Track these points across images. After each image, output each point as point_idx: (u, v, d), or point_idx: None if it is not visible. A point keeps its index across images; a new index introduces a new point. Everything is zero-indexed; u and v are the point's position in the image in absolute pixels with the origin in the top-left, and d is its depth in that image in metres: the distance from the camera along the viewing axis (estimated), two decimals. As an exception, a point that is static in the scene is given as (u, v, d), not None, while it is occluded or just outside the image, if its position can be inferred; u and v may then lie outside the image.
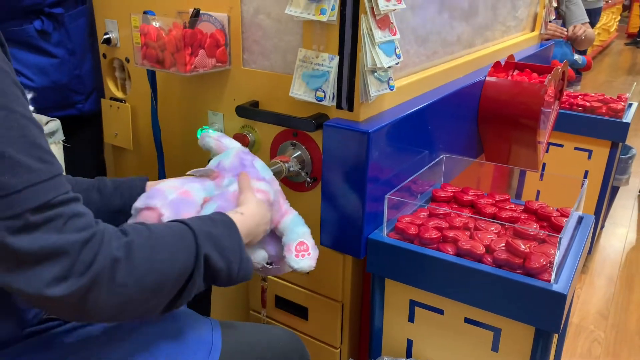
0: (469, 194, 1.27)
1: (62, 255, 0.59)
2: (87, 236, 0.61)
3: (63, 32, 1.47)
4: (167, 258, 0.68)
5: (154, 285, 0.67)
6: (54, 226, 0.59)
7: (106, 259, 0.61)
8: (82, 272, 0.60)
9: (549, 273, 0.97)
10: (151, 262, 0.66)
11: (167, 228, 0.73)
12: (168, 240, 0.70)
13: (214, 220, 0.79)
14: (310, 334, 1.32)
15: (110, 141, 1.58)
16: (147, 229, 0.69)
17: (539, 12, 2.30)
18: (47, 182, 0.59)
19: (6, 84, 0.58)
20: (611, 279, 2.39)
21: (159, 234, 0.69)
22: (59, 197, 0.60)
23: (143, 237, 0.67)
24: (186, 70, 1.15)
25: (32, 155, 0.58)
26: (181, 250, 0.70)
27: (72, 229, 0.60)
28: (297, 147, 1.16)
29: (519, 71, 1.73)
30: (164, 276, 0.68)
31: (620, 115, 2.17)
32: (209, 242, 0.74)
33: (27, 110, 0.61)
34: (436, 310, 1.10)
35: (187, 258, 0.71)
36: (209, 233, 0.75)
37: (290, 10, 1.03)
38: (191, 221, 0.75)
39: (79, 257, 0.60)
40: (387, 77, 1.09)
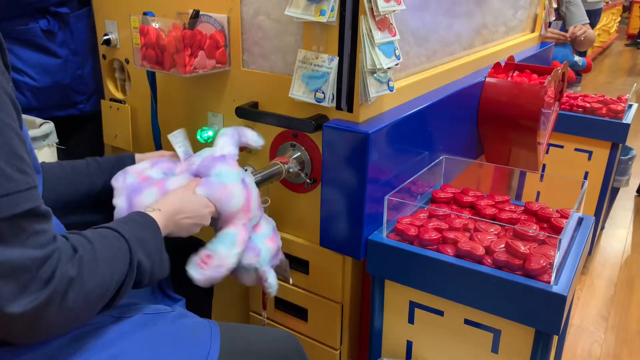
0: (469, 195, 1.27)
1: (22, 271, 0.60)
2: (47, 253, 0.63)
3: (67, 32, 1.47)
4: (108, 270, 0.72)
5: (98, 296, 0.70)
6: (18, 239, 0.60)
7: (62, 277, 0.64)
8: (39, 289, 0.61)
9: (549, 274, 0.97)
10: (96, 276, 0.69)
11: (106, 240, 0.75)
12: (108, 253, 0.73)
13: (139, 224, 0.83)
14: (310, 335, 1.32)
15: (110, 142, 1.58)
16: (90, 245, 0.71)
17: (539, 13, 2.30)
18: (23, 192, 0.60)
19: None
20: (611, 280, 2.39)
21: (100, 249, 0.72)
22: (31, 209, 0.61)
23: (89, 252, 0.70)
24: (186, 71, 1.15)
25: (12, 165, 0.60)
26: (119, 260, 0.75)
27: (34, 244, 0.62)
28: (296, 148, 1.16)
29: (519, 72, 1.73)
30: (106, 286, 0.72)
31: (621, 117, 2.17)
32: (139, 249, 0.78)
33: (14, 120, 0.62)
34: (436, 312, 1.10)
35: (123, 267, 0.75)
36: (138, 239, 0.79)
37: (289, 11, 1.03)
38: (122, 229, 0.78)
39: (37, 274, 0.61)
40: (386, 78, 1.09)
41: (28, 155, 0.63)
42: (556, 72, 1.62)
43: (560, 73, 1.70)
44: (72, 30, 1.47)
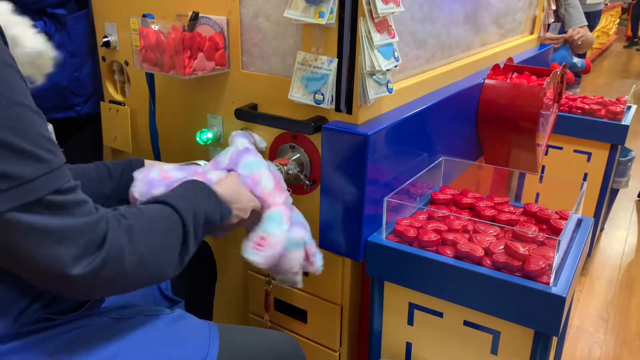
0: (468, 196, 1.27)
1: (77, 235, 0.64)
2: (95, 219, 0.67)
3: (65, 34, 1.47)
4: (160, 238, 0.75)
5: (153, 261, 0.74)
6: (67, 211, 0.64)
7: (114, 240, 0.68)
8: (95, 252, 0.66)
9: (548, 276, 0.97)
10: (149, 240, 0.73)
11: (155, 210, 0.79)
12: (158, 221, 0.77)
13: (186, 188, 0.87)
14: (310, 337, 1.32)
15: (109, 144, 1.58)
16: (140, 212, 0.75)
17: (538, 15, 2.30)
18: (56, 171, 0.64)
19: (15, 79, 0.62)
20: (611, 281, 2.39)
21: (151, 216, 0.76)
22: (66, 184, 0.65)
23: (139, 219, 0.74)
24: (185, 73, 1.15)
25: (42, 146, 0.63)
26: (171, 233, 0.78)
27: (81, 213, 0.66)
28: (296, 149, 1.16)
29: (518, 74, 1.73)
30: (159, 253, 0.75)
31: (620, 118, 2.17)
32: (190, 214, 0.81)
33: (32, 102, 0.65)
34: (435, 313, 1.10)
35: (175, 233, 0.78)
36: (195, 214, 0.82)
37: (289, 13, 1.04)
38: (170, 199, 0.81)
39: (91, 238, 0.66)
40: (385, 79, 1.09)
41: (48, 131, 0.66)
42: (555, 74, 1.62)
43: (559, 75, 1.70)
44: (69, 32, 1.47)
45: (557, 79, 1.69)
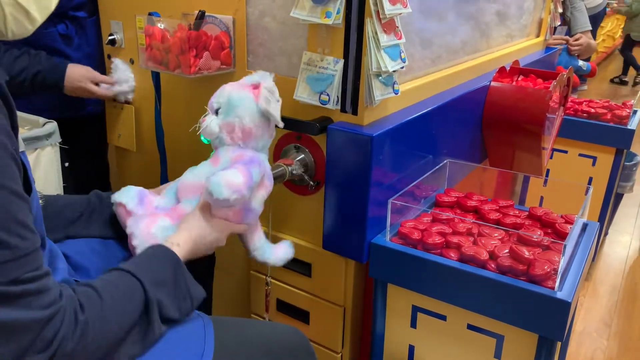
0: (473, 199, 1.27)
1: (23, 332, 0.61)
2: (51, 313, 0.63)
3: (83, 36, 1.49)
4: (117, 326, 0.72)
5: (109, 342, 0.71)
6: (22, 301, 0.61)
7: (64, 340, 0.65)
8: (41, 350, 0.62)
9: (553, 280, 0.96)
10: (103, 334, 0.70)
11: (117, 290, 0.75)
12: (118, 306, 0.73)
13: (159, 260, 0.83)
14: (312, 338, 1.31)
15: (114, 142, 1.58)
16: (99, 299, 0.72)
17: (544, 17, 2.29)
18: (21, 259, 0.61)
19: (2, 159, 0.61)
20: (615, 286, 2.37)
21: (110, 303, 0.72)
22: (30, 273, 0.62)
23: (96, 311, 0.70)
24: (190, 72, 1.15)
25: (12, 231, 0.61)
26: (130, 309, 0.75)
27: (38, 306, 0.63)
28: (300, 150, 1.16)
29: (524, 77, 1.72)
30: (115, 340, 0.72)
31: (625, 122, 2.16)
32: (158, 290, 0.78)
33: (17, 183, 0.63)
34: (438, 316, 1.10)
35: (134, 314, 0.75)
36: (157, 281, 0.79)
37: (295, 13, 1.03)
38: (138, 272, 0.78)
39: (39, 335, 0.62)
40: (391, 81, 1.09)
41: (29, 215, 0.64)
42: (561, 77, 1.62)
43: (565, 78, 1.69)
44: (87, 34, 1.49)
45: (563, 82, 1.68)
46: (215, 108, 0.99)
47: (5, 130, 0.62)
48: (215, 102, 0.99)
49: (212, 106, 1.00)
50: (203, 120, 0.99)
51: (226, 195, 0.88)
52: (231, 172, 0.91)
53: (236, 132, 0.98)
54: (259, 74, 1.01)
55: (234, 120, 0.97)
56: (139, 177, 1.58)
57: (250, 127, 0.97)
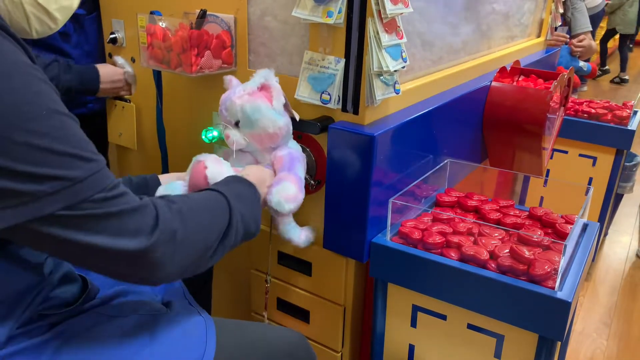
0: (473, 199, 1.27)
1: (127, 216, 0.68)
2: (145, 202, 0.71)
3: (82, 34, 1.48)
4: (207, 218, 0.79)
5: (202, 241, 0.78)
6: (117, 201, 0.68)
7: (166, 220, 0.72)
8: (150, 231, 0.70)
9: (554, 280, 0.97)
10: (198, 223, 0.77)
11: (202, 196, 0.83)
12: (205, 204, 0.81)
13: (236, 181, 0.92)
14: (312, 337, 1.32)
15: (115, 141, 1.58)
16: (188, 198, 0.80)
17: (545, 18, 2.29)
18: (102, 170, 0.68)
19: (51, 91, 0.65)
20: (614, 287, 2.38)
21: (197, 199, 0.81)
22: (112, 182, 0.69)
23: (188, 204, 0.78)
24: (192, 71, 1.15)
25: (87, 149, 0.67)
26: (218, 211, 0.82)
27: (131, 200, 0.70)
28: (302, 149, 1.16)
29: (525, 77, 1.72)
30: (208, 233, 0.79)
31: (626, 123, 2.16)
32: (239, 203, 0.86)
33: (65, 108, 0.67)
34: (439, 316, 1.10)
35: (223, 218, 0.82)
36: (237, 194, 0.87)
37: (297, 12, 1.03)
38: (219, 187, 0.87)
39: (142, 218, 0.70)
40: (393, 80, 1.09)
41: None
42: (562, 78, 1.62)
43: (566, 78, 1.69)
44: (86, 31, 1.48)
45: (564, 83, 1.68)
46: (234, 122, 1.05)
47: (29, 64, 0.65)
48: (232, 116, 1.05)
49: (227, 120, 1.06)
50: (227, 135, 1.06)
51: (291, 208, 1.02)
52: (284, 187, 1.02)
53: (264, 141, 1.05)
54: (260, 74, 1.04)
55: (259, 132, 1.04)
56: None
57: (276, 132, 1.04)
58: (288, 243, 1.12)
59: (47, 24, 0.80)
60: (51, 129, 0.63)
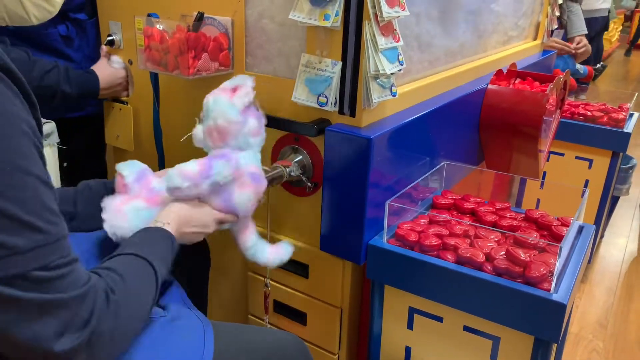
0: (470, 201, 1.27)
1: (62, 309, 0.62)
2: (84, 292, 0.65)
3: (84, 37, 1.49)
4: (142, 306, 0.76)
5: (134, 330, 0.76)
6: (55, 285, 0.62)
7: (101, 318, 0.66)
8: (80, 328, 0.64)
9: (549, 282, 0.97)
10: (132, 313, 0.73)
11: (137, 273, 0.78)
12: (140, 289, 0.77)
13: (159, 241, 0.86)
14: (309, 340, 1.32)
15: (112, 143, 1.58)
16: (123, 283, 0.73)
17: (541, 21, 2.30)
18: (53, 244, 0.62)
19: (27, 146, 0.61)
20: (610, 288, 2.38)
21: (133, 286, 0.75)
22: (62, 259, 0.63)
23: (123, 293, 0.72)
24: (189, 73, 1.15)
25: (43, 217, 0.61)
26: (149, 290, 0.79)
27: (72, 287, 0.63)
28: (298, 151, 1.16)
29: (521, 80, 1.73)
30: (141, 319, 0.77)
31: (622, 125, 2.17)
32: (164, 269, 0.82)
33: (43, 171, 0.63)
34: (435, 318, 1.10)
35: (152, 293, 0.79)
36: (162, 259, 0.83)
37: (294, 15, 1.04)
38: (148, 254, 0.81)
39: (77, 312, 0.64)
40: (389, 83, 1.10)
41: (55, 202, 0.64)
42: (558, 80, 1.62)
43: (562, 81, 1.70)
44: (88, 35, 1.50)
45: (560, 85, 1.69)
46: (201, 117, 1.01)
47: (26, 121, 0.62)
48: (201, 111, 1.01)
49: (200, 116, 1.02)
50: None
51: (177, 184, 0.90)
52: (189, 163, 0.93)
53: (213, 134, 0.97)
54: (238, 78, 1.01)
55: (210, 124, 0.97)
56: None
57: (223, 125, 0.96)
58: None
59: (46, 8, 0.77)
60: (6, 187, 0.58)
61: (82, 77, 1.38)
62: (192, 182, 0.91)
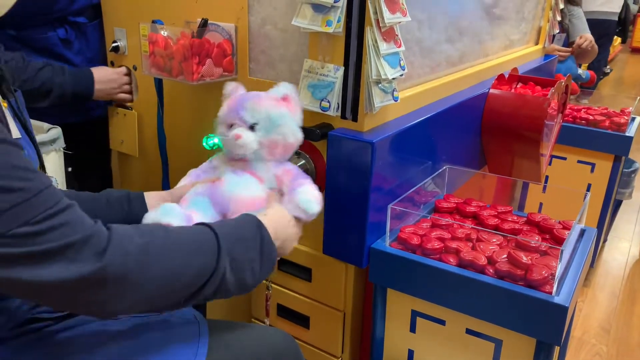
0: (472, 205, 1.28)
1: (59, 255, 0.61)
2: (92, 232, 0.63)
3: (84, 41, 1.50)
4: (181, 260, 0.70)
5: (167, 282, 0.69)
6: (46, 237, 0.61)
7: (116, 251, 0.64)
8: (93, 258, 0.62)
9: (551, 285, 0.97)
10: (165, 262, 0.68)
11: (189, 230, 0.75)
12: (186, 243, 0.72)
13: (239, 221, 0.82)
14: (312, 343, 1.32)
15: (116, 148, 1.59)
16: (165, 232, 0.71)
17: (543, 25, 2.31)
18: (32, 199, 0.60)
19: None
20: (614, 292, 2.38)
21: (177, 237, 0.71)
22: (48, 210, 0.61)
23: (160, 238, 0.69)
24: (193, 79, 1.16)
25: (12, 177, 0.59)
26: (201, 253, 0.73)
27: (66, 235, 0.62)
28: (301, 156, 1.17)
29: (523, 84, 1.74)
30: (187, 270, 0.70)
31: (624, 129, 2.17)
32: (234, 246, 0.76)
33: (4, 132, 0.62)
34: (438, 321, 1.11)
35: (205, 261, 0.72)
36: (234, 235, 0.77)
37: (296, 21, 1.05)
38: (215, 225, 0.77)
39: (87, 244, 0.62)
40: (391, 88, 1.11)
41: (26, 160, 0.63)
42: (559, 85, 1.63)
43: (564, 85, 1.71)
44: (88, 39, 1.51)
45: (562, 90, 1.70)
46: (251, 123, 0.96)
47: None
48: (251, 116, 0.96)
49: (244, 120, 0.96)
50: (237, 135, 0.94)
51: (318, 210, 0.96)
52: (312, 188, 0.97)
53: (279, 149, 0.98)
54: (285, 86, 1.00)
55: (277, 138, 0.96)
56: (141, 182, 1.59)
57: (293, 143, 0.99)
58: None
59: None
60: None
61: (76, 72, 1.40)
62: (320, 206, 0.97)
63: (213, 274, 0.73)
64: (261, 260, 0.80)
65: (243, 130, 0.95)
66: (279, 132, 0.96)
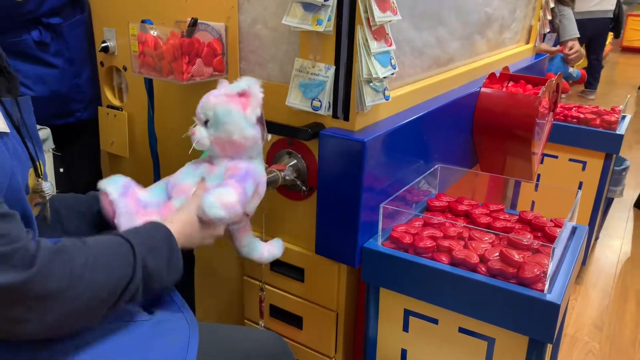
0: (464, 203, 1.28)
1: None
2: (18, 246, 0.63)
3: (61, 42, 1.47)
4: (105, 275, 0.72)
5: (100, 289, 0.71)
6: None
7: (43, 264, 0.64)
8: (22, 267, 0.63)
9: (543, 283, 0.98)
10: (93, 278, 0.70)
11: (104, 241, 0.76)
12: (104, 256, 0.74)
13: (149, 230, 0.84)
14: (305, 343, 1.32)
15: (107, 149, 1.58)
16: (84, 245, 0.72)
17: (534, 25, 2.32)
18: None
19: None
20: (606, 290, 2.39)
21: (95, 251, 0.73)
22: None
23: (81, 252, 0.71)
24: (183, 78, 1.15)
25: None
26: (118, 264, 0.75)
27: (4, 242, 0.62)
28: (293, 155, 1.17)
29: (514, 83, 1.74)
30: (108, 281, 0.73)
31: (614, 127, 2.19)
32: (148, 254, 0.79)
33: None
34: (430, 320, 1.11)
35: (124, 271, 0.75)
36: (146, 244, 0.80)
37: (287, 20, 1.04)
38: (128, 234, 0.80)
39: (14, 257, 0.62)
40: (382, 87, 1.10)
41: None
42: (550, 83, 1.64)
43: (555, 84, 1.71)
44: (66, 39, 1.47)
45: (552, 88, 1.70)
46: (204, 120, 0.98)
47: None
48: (203, 113, 0.98)
49: (199, 117, 0.99)
50: (193, 132, 0.98)
51: (221, 215, 0.90)
52: (225, 191, 0.91)
53: (227, 147, 0.97)
54: (245, 81, 0.98)
55: (223, 135, 0.96)
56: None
57: (240, 141, 0.95)
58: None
59: None
60: None
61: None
62: (234, 212, 0.91)
63: (129, 283, 0.75)
64: (168, 269, 0.83)
65: (198, 127, 0.98)
66: (224, 129, 0.95)
